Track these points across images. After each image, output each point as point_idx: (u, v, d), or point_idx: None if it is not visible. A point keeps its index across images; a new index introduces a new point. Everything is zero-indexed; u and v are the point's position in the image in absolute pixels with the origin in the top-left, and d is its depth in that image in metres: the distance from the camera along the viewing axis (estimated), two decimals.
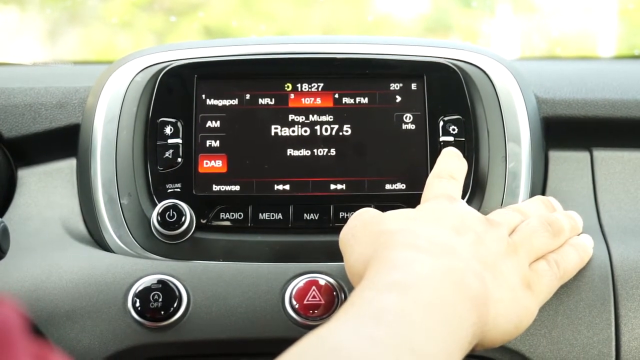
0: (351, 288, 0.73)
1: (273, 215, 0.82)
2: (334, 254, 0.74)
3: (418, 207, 0.72)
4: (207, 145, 0.84)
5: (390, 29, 1.64)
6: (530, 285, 0.69)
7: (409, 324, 0.58)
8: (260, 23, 1.65)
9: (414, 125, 0.84)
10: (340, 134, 0.84)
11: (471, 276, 0.65)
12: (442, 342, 0.59)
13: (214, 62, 0.86)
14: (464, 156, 0.80)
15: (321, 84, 0.85)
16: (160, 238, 0.82)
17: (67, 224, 0.86)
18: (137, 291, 0.78)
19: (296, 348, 0.56)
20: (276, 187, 0.83)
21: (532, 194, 0.84)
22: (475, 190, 0.83)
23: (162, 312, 0.77)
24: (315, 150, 0.84)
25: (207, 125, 0.84)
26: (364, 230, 0.70)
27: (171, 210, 0.81)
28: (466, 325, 0.62)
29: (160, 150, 0.83)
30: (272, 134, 0.84)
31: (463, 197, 0.81)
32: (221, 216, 0.82)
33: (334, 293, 0.78)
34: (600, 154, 0.90)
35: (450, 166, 0.77)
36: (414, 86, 0.85)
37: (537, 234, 0.72)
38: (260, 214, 0.82)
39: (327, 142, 0.84)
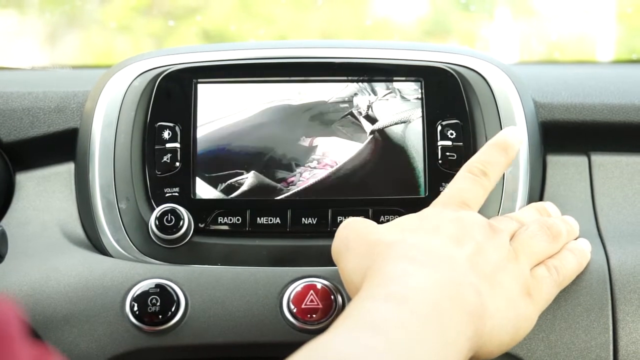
0: None
1: (271, 220, 0.82)
2: (332, 258, 0.74)
3: (421, 211, 0.72)
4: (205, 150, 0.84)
5: (389, 33, 1.64)
6: (530, 293, 0.69)
7: (406, 335, 0.58)
8: (259, 27, 1.65)
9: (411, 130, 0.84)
10: None
11: (468, 290, 0.64)
12: (439, 353, 0.59)
13: (212, 66, 0.86)
14: (462, 160, 0.80)
15: (319, 89, 0.85)
16: (158, 242, 0.82)
17: (65, 228, 0.86)
18: (135, 295, 0.78)
19: (295, 357, 0.56)
20: None
21: (530, 198, 0.84)
22: None
23: (160, 316, 0.77)
24: None
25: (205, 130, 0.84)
26: (358, 240, 0.69)
27: (169, 215, 0.81)
28: (462, 339, 0.62)
29: (158, 154, 0.83)
30: None
31: None
32: (219, 220, 0.82)
33: (332, 297, 0.78)
34: (598, 159, 0.90)
35: (487, 159, 0.74)
36: None
37: (537, 238, 0.72)
38: (258, 218, 0.82)
39: None
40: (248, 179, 0.83)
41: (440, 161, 0.83)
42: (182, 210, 0.81)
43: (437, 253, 0.66)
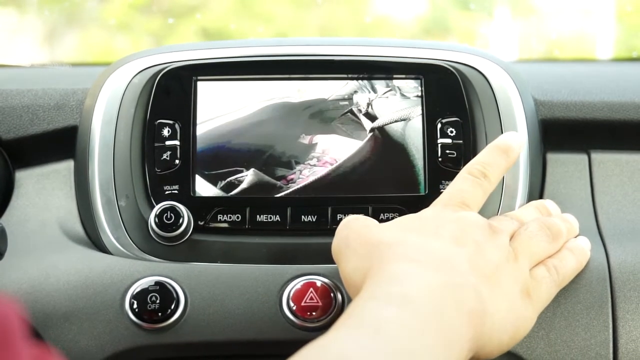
0: None
1: (271, 217, 0.82)
2: (332, 256, 0.74)
3: (421, 211, 0.72)
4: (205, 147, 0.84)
5: (388, 31, 1.64)
6: (530, 293, 0.69)
7: (407, 336, 0.59)
8: (258, 25, 1.65)
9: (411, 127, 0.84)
10: None
11: (468, 291, 0.64)
12: (439, 354, 0.59)
13: (212, 63, 0.86)
14: (462, 158, 0.80)
15: (319, 86, 0.85)
16: (157, 240, 0.82)
17: (64, 225, 0.86)
18: (134, 293, 0.78)
19: (296, 357, 0.56)
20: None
21: (530, 196, 0.84)
22: None
23: (160, 314, 0.77)
24: None
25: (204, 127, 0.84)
26: (358, 239, 0.69)
27: (169, 212, 0.81)
28: (463, 339, 0.62)
29: (157, 152, 0.83)
30: None
31: None
32: (219, 218, 0.82)
33: (331, 295, 0.78)
34: (598, 157, 0.90)
35: (488, 160, 0.75)
36: None
37: (537, 238, 0.72)
38: (257, 216, 0.82)
39: None
40: (248, 177, 0.83)
41: (440, 159, 0.83)
42: (181, 207, 0.81)
43: (438, 254, 0.66)
